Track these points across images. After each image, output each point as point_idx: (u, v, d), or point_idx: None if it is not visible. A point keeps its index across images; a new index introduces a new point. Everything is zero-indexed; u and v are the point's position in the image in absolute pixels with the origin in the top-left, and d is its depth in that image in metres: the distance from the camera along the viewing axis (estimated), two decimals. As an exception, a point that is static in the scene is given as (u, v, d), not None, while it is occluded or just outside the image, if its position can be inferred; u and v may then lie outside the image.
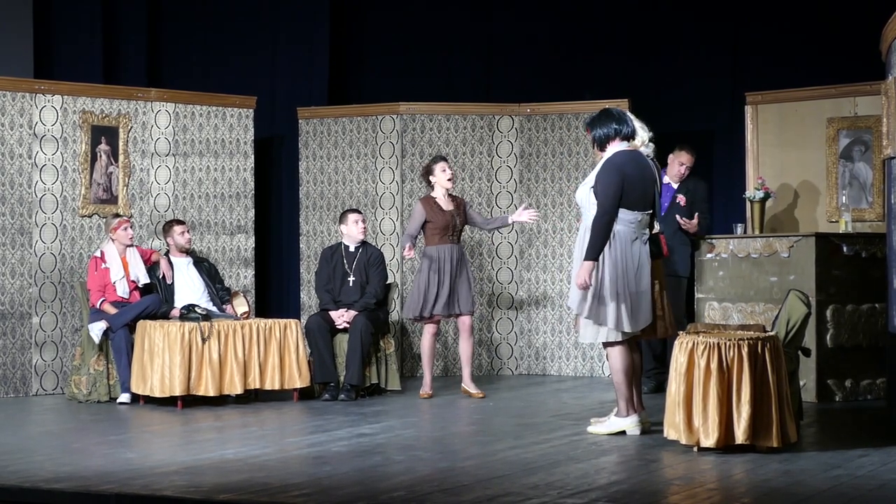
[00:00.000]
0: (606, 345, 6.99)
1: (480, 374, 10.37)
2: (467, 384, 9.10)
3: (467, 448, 6.75)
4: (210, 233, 10.27)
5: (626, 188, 6.88)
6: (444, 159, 9.15)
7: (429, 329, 9.08)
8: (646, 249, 6.97)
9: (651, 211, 7.04)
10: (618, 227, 6.88)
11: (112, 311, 8.89)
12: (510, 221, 9.15)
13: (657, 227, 7.13)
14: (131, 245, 9.20)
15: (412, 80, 11.44)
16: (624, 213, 6.89)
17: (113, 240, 9.12)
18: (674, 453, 6.35)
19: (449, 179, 9.03)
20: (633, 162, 6.98)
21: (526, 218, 8.99)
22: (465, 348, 9.13)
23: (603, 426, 7.09)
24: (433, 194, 9.08)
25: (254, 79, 11.47)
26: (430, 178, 9.09)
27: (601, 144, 7.08)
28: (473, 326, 9.35)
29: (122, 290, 9.00)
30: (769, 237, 8.92)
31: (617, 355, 6.97)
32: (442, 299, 8.94)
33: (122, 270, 9.04)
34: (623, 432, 6.98)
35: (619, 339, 6.93)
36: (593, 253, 6.83)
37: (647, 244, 6.98)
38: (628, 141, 7.03)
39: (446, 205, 9.03)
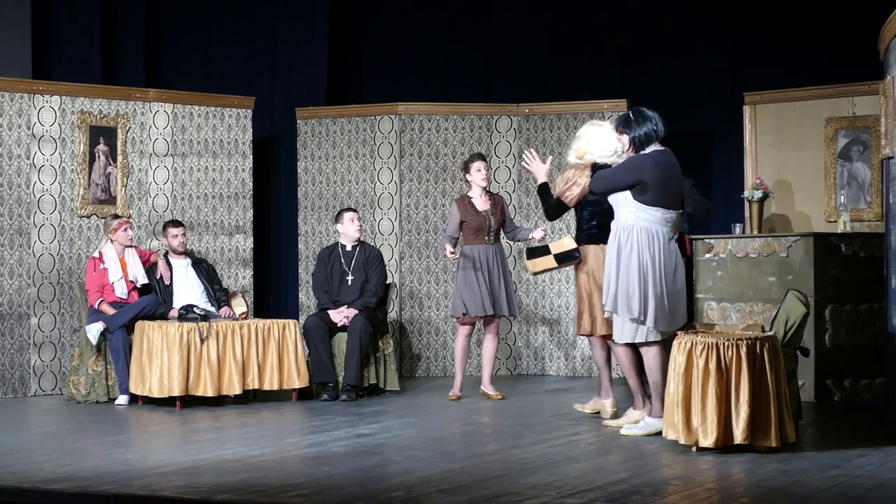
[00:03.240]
0: (643, 345, 6.97)
1: (480, 375, 10.35)
2: (486, 387, 8.97)
3: (466, 448, 6.75)
4: (208, 233, 10.27)
5: (650, 188, 6.80)
6: (482, 158, 8.95)
7: (463, 330, 8.91)
8: (677, 249, 6.99)
9: (682, 210, 7.07)
10: (657, 227, 6.86)
11: (110, 311, 8.89)
12: (530, 237, 8.75)
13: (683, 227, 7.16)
14: (130, 246, 9.20)
15: (411, 80, 11.44)
16: (663, 213, 6.86)
17: (112, 240, 9.11)
18: (672, 453, 6.35)
19: (484, 179, 8.85)
20: (666, 162, 6.92)
21: (538, 236, 8.72)
22: (487, 349, 8.99)
23: (639, 427, 7.01)
24: (469, 193, 8.94)
25: (252, 79, 11.48)
26: (467, 176, 8.94)
27: (641, 146, 6.91)
28: (499, 329, 9.18)
29: (121, 291, 9.00)
30: (768, 237, 8.92)
31: (655, 355, 6.96)
32: (478, 300, 8.76)
33: (121, 271, 9.04)
34: (660, 433, 6.71)
35: (658, 338, 6.92)
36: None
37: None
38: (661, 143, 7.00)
39: (482, 205, 8.86)
